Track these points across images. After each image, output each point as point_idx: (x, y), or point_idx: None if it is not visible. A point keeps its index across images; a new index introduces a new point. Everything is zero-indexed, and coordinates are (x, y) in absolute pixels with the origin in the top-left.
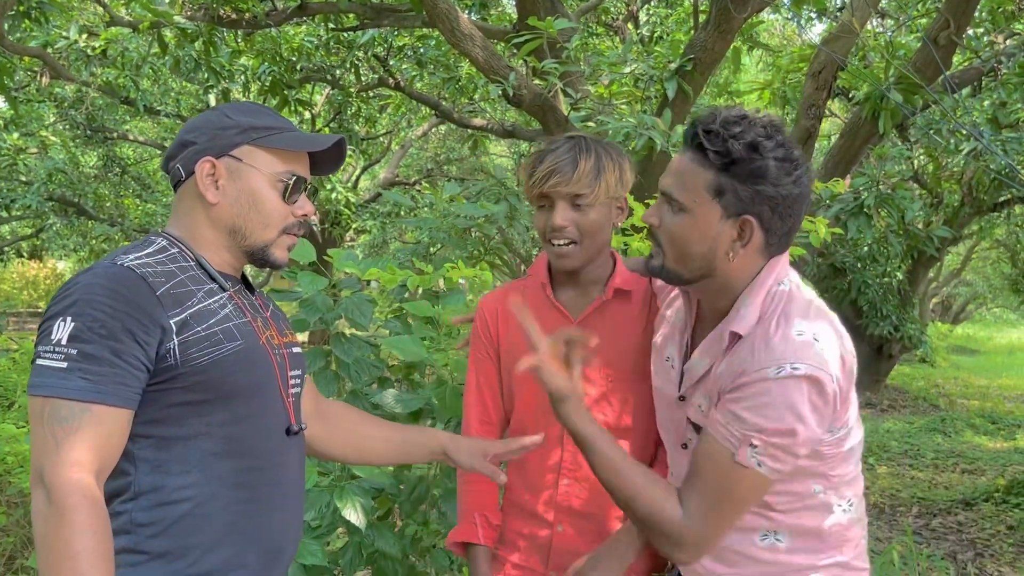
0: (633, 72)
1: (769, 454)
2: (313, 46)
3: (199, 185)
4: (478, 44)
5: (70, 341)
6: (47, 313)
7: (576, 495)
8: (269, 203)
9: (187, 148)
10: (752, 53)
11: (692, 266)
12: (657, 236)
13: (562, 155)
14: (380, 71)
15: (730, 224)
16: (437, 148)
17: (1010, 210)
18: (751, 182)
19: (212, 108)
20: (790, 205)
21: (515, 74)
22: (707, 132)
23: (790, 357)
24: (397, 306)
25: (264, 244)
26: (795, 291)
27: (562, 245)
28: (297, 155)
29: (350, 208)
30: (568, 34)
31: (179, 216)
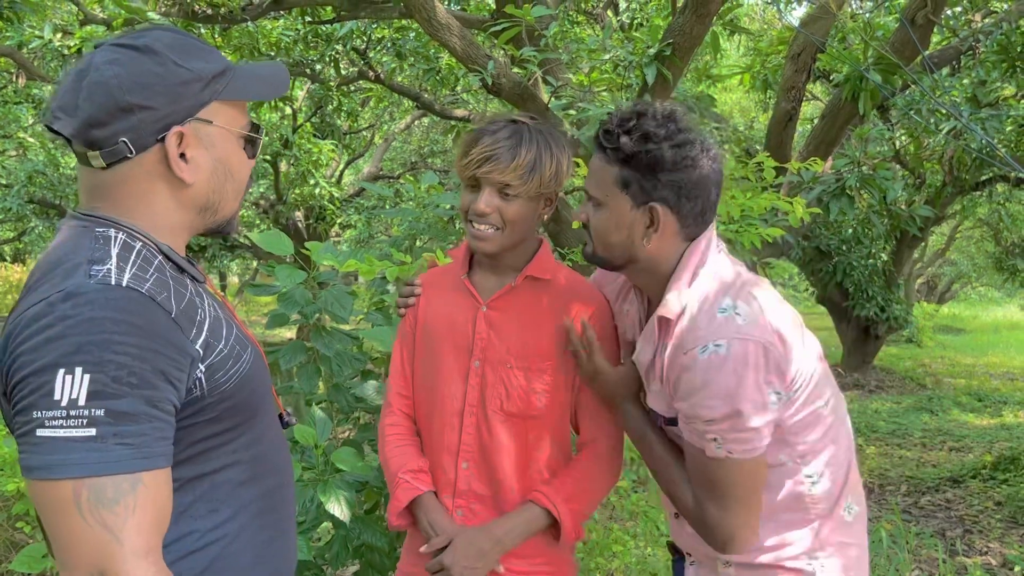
0: (613, 59)
1: (730, 440)
2: (291, 40)
3: (171, 165)
4: (455, 33)
5: (91, 399)
6: (27, 363)
7: (476, 478)
8: (241, 167)
9: (133, 114)
10: (732, 38)
11: (615, 253)
12: (588, 230)
13: (501, 141)
14: (360, 64)
15: (640, 212)
16: (421, 141)
17: (992, 188)
18: (650, 172)
19: (136, 50)
20: (695, 186)
21: (494, 63)
22: (606, 132)
23: (712, 336)
24: (379, 298)
25: (231, 215)
26: (721, 269)
27: (482, 229)
28: (245, 103)
29: (334, 203)
30: (546, 22)
31: (126, 201)
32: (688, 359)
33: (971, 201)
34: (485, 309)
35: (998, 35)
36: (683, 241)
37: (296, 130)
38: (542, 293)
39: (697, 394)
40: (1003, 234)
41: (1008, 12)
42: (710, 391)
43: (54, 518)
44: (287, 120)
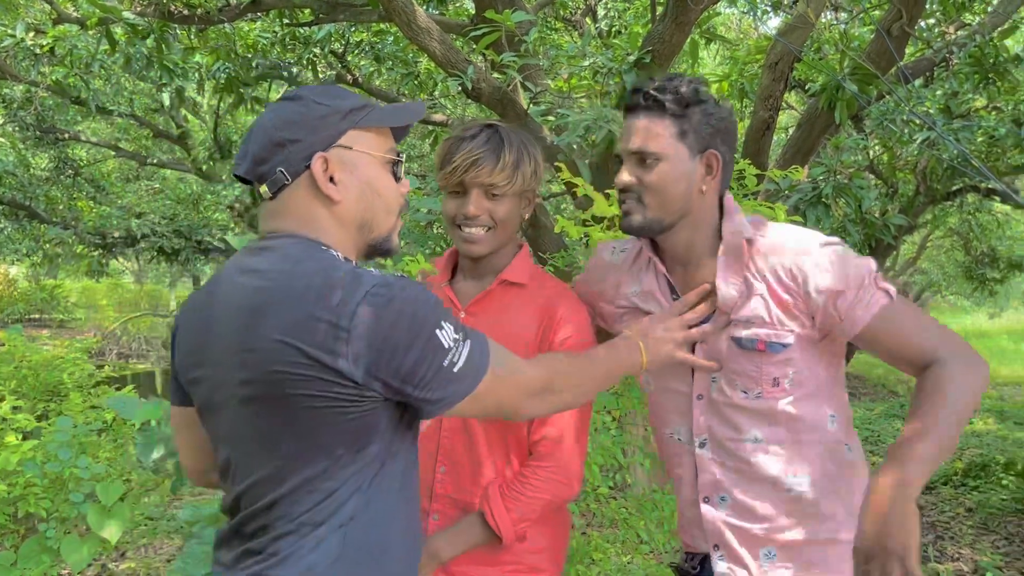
0: (592, 65)
1: (888, 286)
2: (268, 42)
3: (319, 184)
4: (435, 38)
5: (458, 332)
6: (412, 337)
7: (452, 483)
8: (388, 187)
9: (285, 148)
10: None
11: (673, 208)
12: (636, 193)
13: (482, 145)
14: (338, 67)
15: (698, 161)
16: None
17: (963, 198)
18: (704, 121)
19: (288, 99)
20: (732, 135)
21: (473, 68)
22: (656, 89)
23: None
24: None
25: (388, 232)
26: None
27: (473, 232)
28: (387, 130)
29: None
30: (526, 27)
31: (303, 222)
32: (809, 247)
33: (942, 211)
34: (463, 315)
35: (971, 47)
36: (717, 196)
37: None
38: (516, 297)
39: (847, 265)
40: (973, 244)
41: (981, 24)
42: (852, 259)
43: (487, 400)
44: None
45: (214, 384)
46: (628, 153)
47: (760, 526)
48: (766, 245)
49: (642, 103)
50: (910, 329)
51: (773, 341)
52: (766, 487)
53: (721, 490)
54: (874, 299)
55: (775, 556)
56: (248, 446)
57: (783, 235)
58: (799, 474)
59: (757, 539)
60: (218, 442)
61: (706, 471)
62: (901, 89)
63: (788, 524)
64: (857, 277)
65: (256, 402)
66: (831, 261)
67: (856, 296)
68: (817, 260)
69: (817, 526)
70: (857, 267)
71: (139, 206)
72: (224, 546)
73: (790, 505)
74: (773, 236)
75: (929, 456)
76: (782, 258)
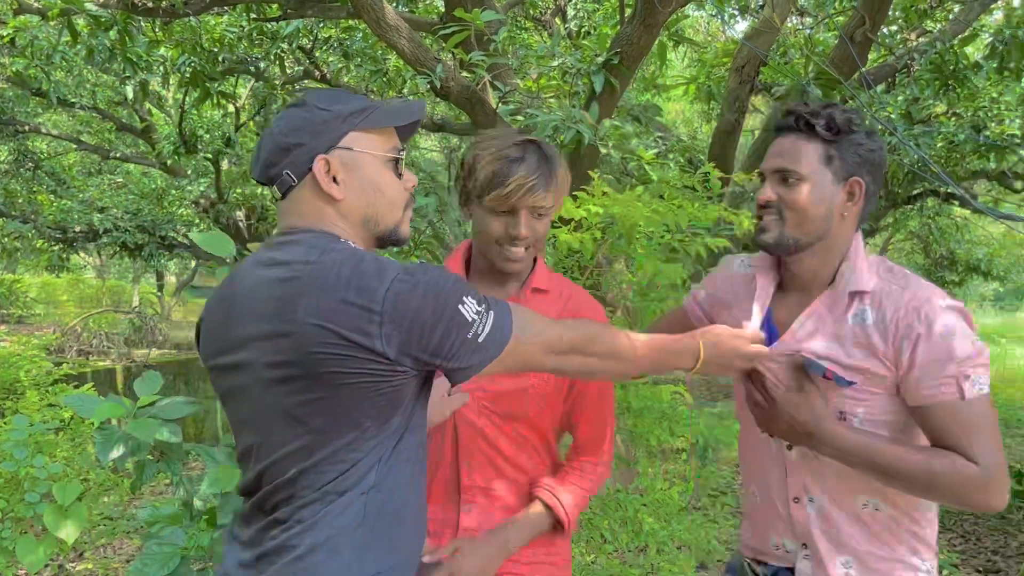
0: (561, 66)
1: (982, 376)
2: (235, 37)
3: (321, 185)
4: (404, 36)
5: (481, 304)
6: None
7: (479, 475)
8: (389, 184)
9: (291, 152)
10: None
11: (811, 228)
12: (776, 208)
13: (534, 170)
14: (306, 63)
15: (841, 187)
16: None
17: (923, 202)
18: (851, 149)
19: (294, 106)
20: (879, 168)
21: (442, 66)
22: (810, 114)
23: (938, 294)
24: None
25: (395, 225)
26: (883, 258)
27: (519, 251)
28: (391, 129)
29: (277, 203)
30: (495, 27)
31: (312, 219)
32: (931, 308)
33: (903, 214)
34: None
35: (932, 54)
36: (855, 227)
37: (239, 128)
38: (542, 303)
39: (951, 337)
40: (932, 247)
41: (942, 32)
42: (961, 331)
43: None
44: (230, 118)
45: (238, 370)
46: (771, 171)
47: (841, 534)
48: (892, 291)
49: (793, 125)
50: (960, 432)
51: (838, 375)
52: (844, 499)
53: (809, 491)
54: (945, 388)
55: (852, 566)
56: (274, 425)
57: (917, 286)
58: (872, 497)
59: (839, 545)
60: (241, 425)
61: (795, 473)
62: (864, 94)
63: (864, 539)
64: (948, 354)
65: (290, 381)
66: (946, 328)
67: (937, 373)
68: (940, 322)
69: (891, 547)
70: (949, 348)
71: (101, 200)
72: (244, 523)
73: (865, 522)
74: (899, 282)
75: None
76: (910, 309)
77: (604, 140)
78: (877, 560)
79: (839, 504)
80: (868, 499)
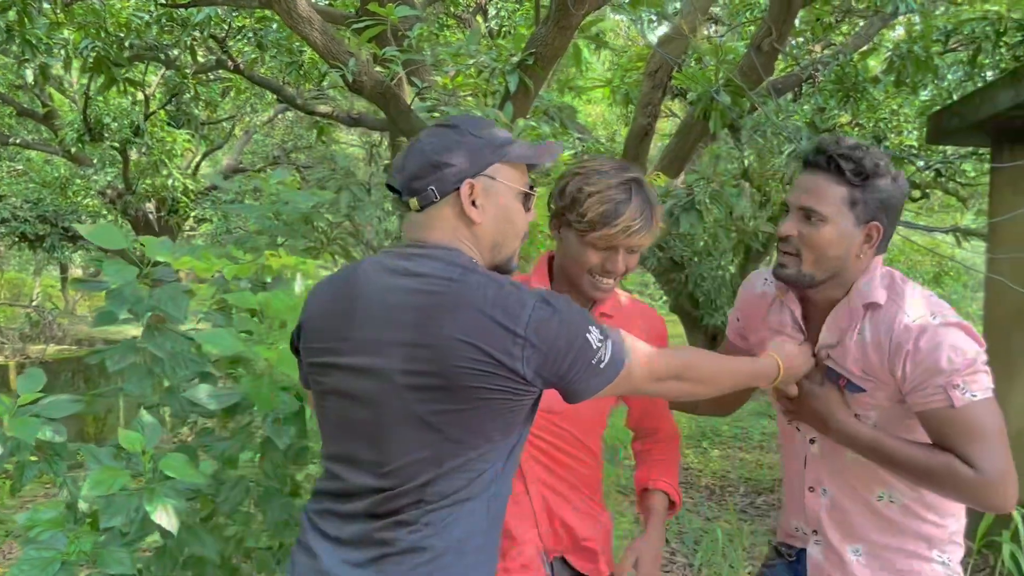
0: (477, 64)
1: (971, 383)
2: (143, 22)
3: (464, 206)
4: (316, 28)
5: (602, 334)
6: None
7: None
8: (519, 216)
9: (441, 170)
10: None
11: (827, 267)
12: (795, 245)
13: (638, 212)
14: (219, 53)
15: (861, 230)
16: (284, 135)
17: None
18: (874, 195)
19: (446, 126)
20: (898, 212)
21: (355, 60)
22: (840, 156)
23: (932, 310)
24: (221, 297)
25: (512, 253)
26: (896, 274)
27: (610, 283)
28: (524, 165)
29: (188, 196)
30: (411, 22)
31: (439, 234)
32: (918, 329)
33: None
34: None
35: (834, 66)
36: (868, 263)
37: (148, 117)
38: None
39: (937, 351)
40: None
41: (844, 45)
42: (949, 344)
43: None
44: (139, 106)
45: (364, 373)
46: (796, 207)
47: (852, 524)
48: (891, 310)
49: (823, 164)
50: (956, 438)
51: (851, 382)
52: (859, 492)
53: (823, 483)
54: (935, 397)
55: (861, 554)
56: (403, 430)
57: (912, 302)
58: (888, 491)
59: (850, 534)
60: (347, 427)
61: (813, 466)
62: (771, 102)
63: (876, 529)
64: (934, 366)
65: (427, 391)
66: (932, 344)
67: (927, 383)
68: (926, 338)
69: (904, 539)
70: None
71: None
72: (341, 522)
73: (879, 514)
74: (903, 302)
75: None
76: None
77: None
78: (887, 550)
79: (851, 498)
80: (883, 491)
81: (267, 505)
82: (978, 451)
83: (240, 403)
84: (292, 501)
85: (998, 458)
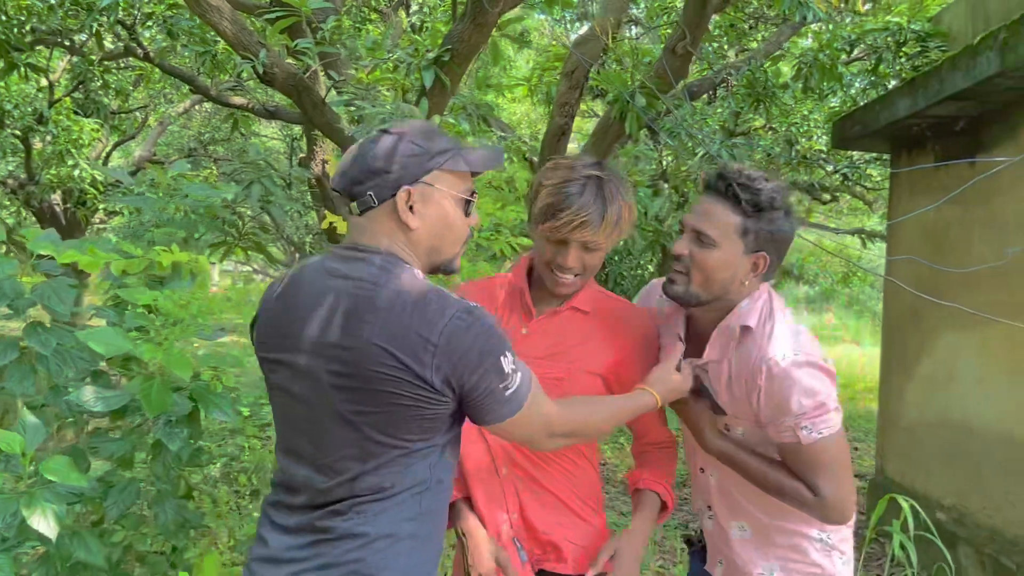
0: (393, 59)
1: (819, 424)
2: (46, 6)
3: (400, 213)
4: (226, 16)
5: (513, 364)
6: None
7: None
8: (458, 222)
9: (379, 176)
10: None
11: (712, 290)
12: (685, 265)
13: (589, 205)
14: (127, 40)
15: (748, 258)
16: (201, 126)
17: None
18: (767, 227)
19: (389, 133)
20: (787, 245)
21: (266, 52)
22: (740, 185)
23: (792, 347)
24: (114, 293)
25: (452, 257)
26: (780, 306)
27: (567, 279)
28: (467, 172)
29: (97, 187)
30: (325, 14)
31: (377, 237)
32: (771, 365)
33: None
34: (525, 331)
35: (746, 71)
36: (753, 289)
37: (53, 105)
38: (582, 321)
39: (787, 392)
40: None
41: (755, 51)
42: (800, 388)
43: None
44: (43, 93)
45: (298, 370)
46: (690, 228)
47: (738, 502)
48: (757, 341)
49: (722, 190)
50: (803, 467)
51: (717, 404)
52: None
53: (710, 466)
54: (785, 434)
55: (746, 530)
56: (331, 426)
57: (773, 338)
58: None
59: (734, 512)
60: (291, 422)
61: (700, 450)
62: (686, 105)
63: (760, 508)
64: (785, 406)
65: (348, 391)
66: (783, 385)
67: (778, 420)
68: (776, 379)
69: (787, 517)
70: (784, 404)
71: None
72: (289, 512)
73: (763, 495)
74: (767, 336)
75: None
76: (759, 361)
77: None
78: (770, 528)
79: (734, 479)
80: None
81: (159, 508)
82: (821, 481)
83: (129, 404)
84: (186, 504)
85: (839, 487)
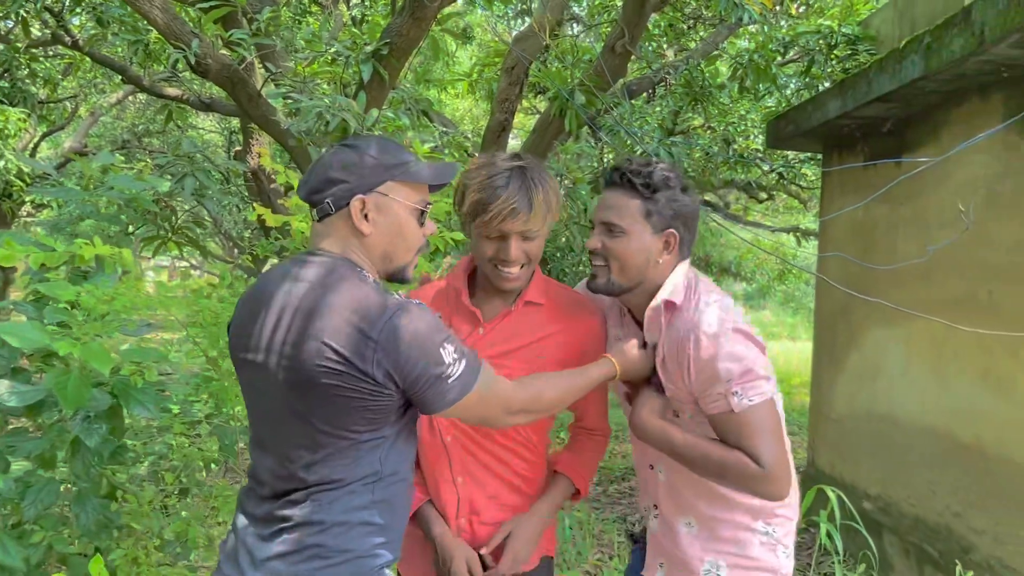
0: (330, 53)
1: (748, 391)
2: None
3: (354, 220)
4: (157, 5)
5: (456, 352)
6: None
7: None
8: (411, 230)
9: (336, 185)
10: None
11: (631, 275)
12: (602, 257)
13: (515, 194)
14: (54, 27)
15: (658, 238)
16: (135, 118)
17: None
18: (668, 205)
19: (348, 146)
20: (693, 219)
21: (199, 42)
22: (631, 172)
23: (718, 317)
24: (34, 288)
25: (404, 265)
26: (704, 280)
27: (514, 271)
28: (423, 184)
29: (24, 179)
30: (260, 5)
31: (335, 243)
32: (699, 334)
33: None
34: (482, 331)
35: (683, 71)
36: (670, 268)
37: None
38: (536, 314)
39: (715, 361)
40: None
41: (693, 51)
42: (727, 354)
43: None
44: None
45: (259, 368)
46: (600, 222)
47: (684, 498)
48: (685, 315)
49: (618, 181)
50: (738, 437)
51: (661, 383)
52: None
53: (660, 461)
54: (717, 403)
55: (693, 526)
56: (285, 420)
57: (699, 310)
58: None
59: (681, 508)
60: (257, 416)
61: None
62: (625, 103)
63: (706, 503)
64: (714, 375)
65: (296, 386)
66: (710, 352)
67: (709, 390)
68: (704, 347)
69: (733, 511)
70: (713, 371)
71: None
72: (258, 502)
73: (711, 490)
74: (693, 309)
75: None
76: (687, 332)
77: (372, 129)
78: (715, 521)
79: (682, 474)
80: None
81: (80, 508)
82: (760, 449)
83: (46, 400)
84: (108, 503)
85: (776, 452)
